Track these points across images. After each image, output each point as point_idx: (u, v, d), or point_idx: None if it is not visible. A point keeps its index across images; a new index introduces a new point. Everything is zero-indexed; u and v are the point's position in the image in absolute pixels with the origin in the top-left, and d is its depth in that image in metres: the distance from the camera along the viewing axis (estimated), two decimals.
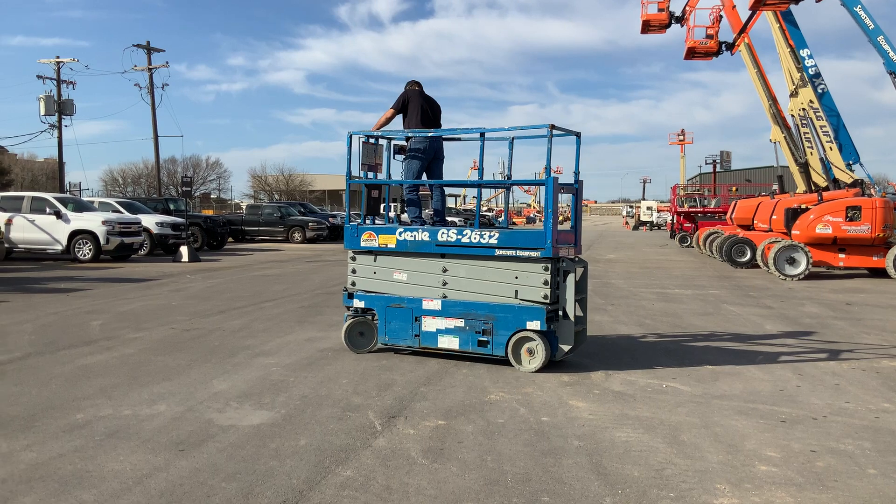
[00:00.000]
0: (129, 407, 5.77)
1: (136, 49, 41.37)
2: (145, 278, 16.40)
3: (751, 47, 22.63)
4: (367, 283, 7.74)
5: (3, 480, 4.22)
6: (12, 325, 9.73)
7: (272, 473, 4.37)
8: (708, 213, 32.19)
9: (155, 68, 41.67)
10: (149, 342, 8.51)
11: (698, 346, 8.55)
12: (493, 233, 7.15)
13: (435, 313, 7.41)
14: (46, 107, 37.97)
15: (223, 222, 29.50)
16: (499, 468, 4.49)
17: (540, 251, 6.99)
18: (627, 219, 72.82)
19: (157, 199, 32.46)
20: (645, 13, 24.18)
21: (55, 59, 38.90)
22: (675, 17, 24.26)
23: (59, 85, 38.93)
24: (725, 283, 15.96)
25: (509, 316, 7.12)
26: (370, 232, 7.68)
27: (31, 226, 20.82)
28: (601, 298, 12.99)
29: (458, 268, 7.38)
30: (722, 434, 5.22)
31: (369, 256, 7.72)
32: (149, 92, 41.66)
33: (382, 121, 8.46)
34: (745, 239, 20.17)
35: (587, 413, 5.69)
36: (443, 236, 7.36)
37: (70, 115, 39.06)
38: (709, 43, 23.72)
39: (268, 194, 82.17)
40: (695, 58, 24.63)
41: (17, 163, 73.07)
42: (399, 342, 7.62)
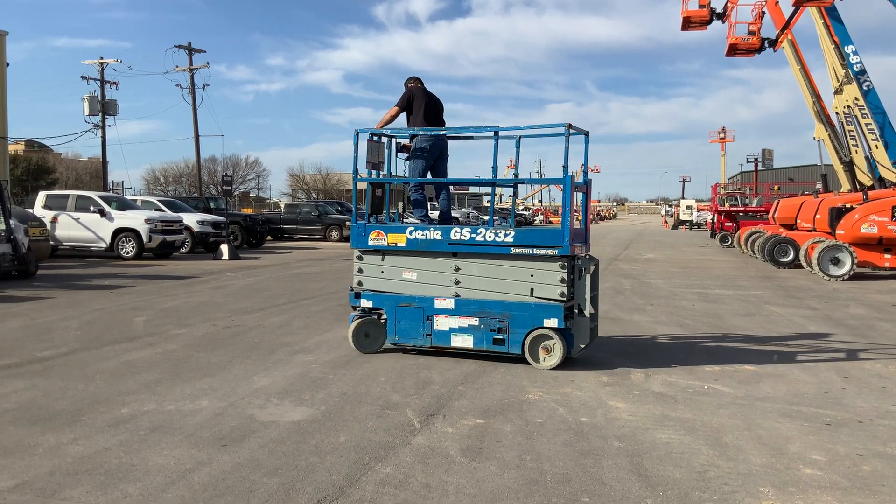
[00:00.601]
0: (173, 402, 5.86)
1: (177, 50, 41.94)
2: (187, 276, 16.65)
3: (794, 44, 22.25)
4: (374, 282, 7.66)
5: (50, 473, 4.32)
6: (58, 321, 9.94)
7: (313, 469, 4.40)
8: (749, 213, 31.75)
9: (196, 69, 42.22)
10: (191, 338, 8.64)
11: (740, 348, 8.43)
12: (508, 231, 7.16)
13: (448, 312, 7.36)
14: (90, 107, 38.66)
15: (262, 221, 29.83)
16: (538, 468, 4.47)
17: (557, 249, 7.02)
18: (666, 218, 72.05)
19: (198, 198, 32.96)
20: (686, 10, 23.90)
21: (99, 60, 39.63)
22: (717, 14, 23.94)
23: (103, 85, 39.65)
24: (768, 284, 15.72)
25: (526, 314, 7.13)
26: (379, 231, 7.59)
27: (76, 224, 21.26)
28: (640, 298, 12.87)
29: (471, 266, 7.35)
30: (765, 436, 5.14)
31: (377, 256, 7.64)
32: (190, 92, 42.23)
33: (387, 118, 8.37)
34: (788, 239, 19.83)
35: (627, 414, 5.64)
36: (456, 235, 7.32)
37: (113, 115, 39.75)
38: (751, 39, 23.37)
39: (305, 193, 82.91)
40: (736, 55, 24.29)
41: (62, 162, 74.71)
42: (409, 342, 7.57)
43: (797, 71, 22.16)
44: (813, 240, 17.89)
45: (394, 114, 8.40)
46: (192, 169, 53.06)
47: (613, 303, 12.19)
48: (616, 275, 17.27)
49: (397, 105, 8.43)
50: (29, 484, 4.14)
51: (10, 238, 15.51)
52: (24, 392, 6.16)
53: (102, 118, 39.14)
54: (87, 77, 39.55)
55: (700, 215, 57.76)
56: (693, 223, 57.99)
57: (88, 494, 4.00)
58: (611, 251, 27.13)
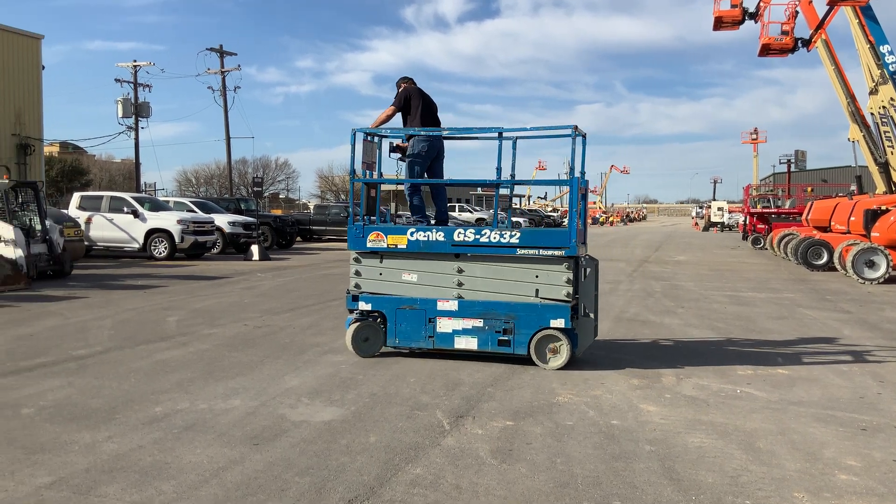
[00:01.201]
0: (205, 401, 5.93)
1: (209, 52, 42.37)
2: (218, 276, 16.81)
3: (828, 43, 21.94)
4: (372, 284, 7.54)
5: (86, 470, 4.38)
6: (93, 320, 10.09)
7: (343, 469, 4.43)
8: (782, 214, 31.32)
9: (227, 71, 42.62)
10: (222, 338, 8.72)
11: (773, 351, 8.32)
12: (514, 232, 7.16)
13: (451, 314, 7.30)
14: (124, 109, 39.16)
15: (292, 222, 30.03)
16: (569, 471, 4.46)
17: (564, 250, 7.05)
18: (697, 220, 71.40)
19: (229, 199, 33.25)
20: (717, 10, 23.66)
21: (132, 63, 40.12)
22: (749, 14, 23.68)
23: (136, 88, 40.14)
24: (801, 287, 15.51)
25: (532, 315, 7.14)
26: (378, 232, 7.46)
27: (110, 224, 21.57)
28: (670, 301, 12.76)
29: (474, 268, 7.31)
30: (799, 441, 5.08)
31: (374, 258, 7.52)
32: (221, 94, 42.63)
33: (383, 118, 8.14)
34: (822, 241, 19.55)
35: (658, 417, 5.60)
36: (459, 236, 7.27)
37: (146, 117, 40.22)
38: (784, 39, 23.09)
39: (334, 194, 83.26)
40: (769, 55, 24.01)
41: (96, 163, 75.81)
42: (411, 344, 7.50)
43: (831, 71, 21.84)
44: (847, 242, 17.62)
45: (390, 113, 8.19)
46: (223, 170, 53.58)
47: (643, 305, 12.10)
48: (646, 277, 17.14)
49: (393, 105, 8.24)
50: (65, 480, 4.21)
51: (45, 238, 15.79)
52: (60, 390, 6.27)
53: (136, 120, 39.65)
54: (121, 80, 40.06)
55: (731, 217, 57.17)
56: (724, 225, 57.39)
57: (123, 492, 4.06)
58: (640, 253, 26.94)
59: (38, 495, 4.00)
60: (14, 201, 16.05)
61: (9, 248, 14.54)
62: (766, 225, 31.05)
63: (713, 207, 62.59)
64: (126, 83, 39.93)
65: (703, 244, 34.84)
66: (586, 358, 7.71)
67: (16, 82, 30.03)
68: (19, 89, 30.25)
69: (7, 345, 8.24)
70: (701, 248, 31.53)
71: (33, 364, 7.26)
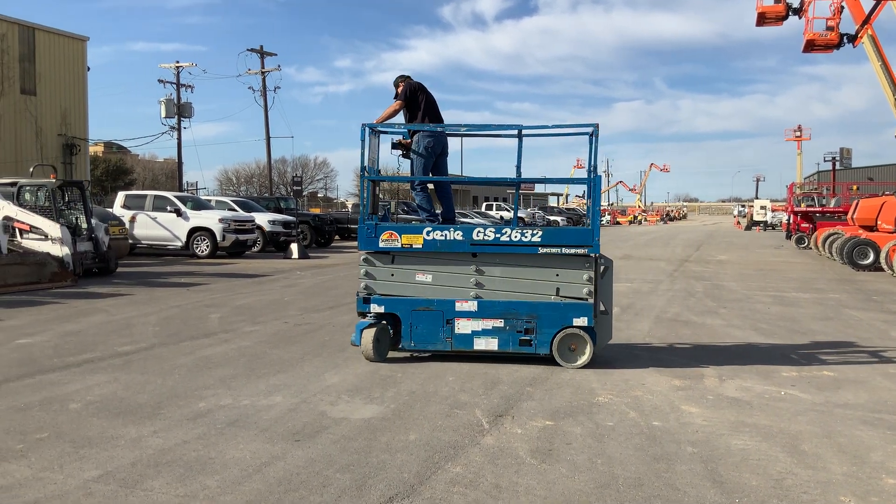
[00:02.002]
0: (248, 397, 6.00)
1: (249, 53, 42.94)
2: (259, 274, 17.01)
3: (874, 39, 21.49)
4: (383, 286, 7.27)
5: (132, 464, 4.47)
6: (138, 317, 10.28)
7: (384, 466, 4.45)
8: (827, 213, 30.68)
9: (267, 72, 43.10)
10: (264, 335, 8.82)
11: (818, 353, 8.17)
12: (536, 231, 7.14)
13: (470, 315, 7.17)
14: (167, 110, 39.79)
15: (331, 220, 30.26)
16: (609, 471, 4.43)
17: (587, 248, 7.10)
18: (739, 218, 70.35)
19: (269, 198, 33.64)
20: (761, 5, 23.34)
21: (175, 64, 40.74)
22: (793, 9, 23.32)
23: (179, 89, 40.77)
24: (846, 287, 15.20)
25: (555, 314, 7.11)
26: (391, 231, 7.19)
27: (154, 223, 21.96)
28: (713, 301, 12.60)
29: (493, 268, 7.19)
30: (846, 444, 4.98)
31: (386, 257, 7.26)
32: (261, 95, 43.14)
33: (389, 113, 7.88)
34: (868, 240, 19.14)
35: (701, 419, 5.53)
36: (479, 235, 7.14)
37: (188, 117, 40.80)
38: (829, 35, 22.69)
39: None
40: (814, 50, 23.61)
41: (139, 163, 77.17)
42: (428, 346, 7.34)
43: (878, 67, 21.39)
44: (895, 241, 17.22)
45: (397, 108, 7.93)
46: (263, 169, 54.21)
47: (685, 305, 11.97)
48: (687, 277, 16.95)
49: (399, 99, 7.94)
50: (112, 474, 4.30)
51: (91, 237, 16.12)
52: (107, 385, 6.39)
53: (178, 120, 40.26)
54: (164, 80, 40.69)
55: (775, 216, 56.23)
56: (767, 224, 56.47)
57: (169, 486, 4.12)
58: (681, 252, 26.63)
59: (86, 488, 4.09)
60: (61, 200, 16.44)
61: (56, 246, 14.88)
62: (810, 224, 30.47)
63: (756, 206, 61.62)
64: (169, 84, 40.56)
65: (746, 243, 34.33)
66: (626, 358, 7.66)
67: (62, 84, 30.71)
68: (66, 90, 30.92)
69: (55, 341, 8.44)
70: (743, 247, 31.07)
71: (80, 360, 7.42)
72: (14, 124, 28.45)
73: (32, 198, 16.52)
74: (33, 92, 29.30)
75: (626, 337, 8.91)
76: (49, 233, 15.09)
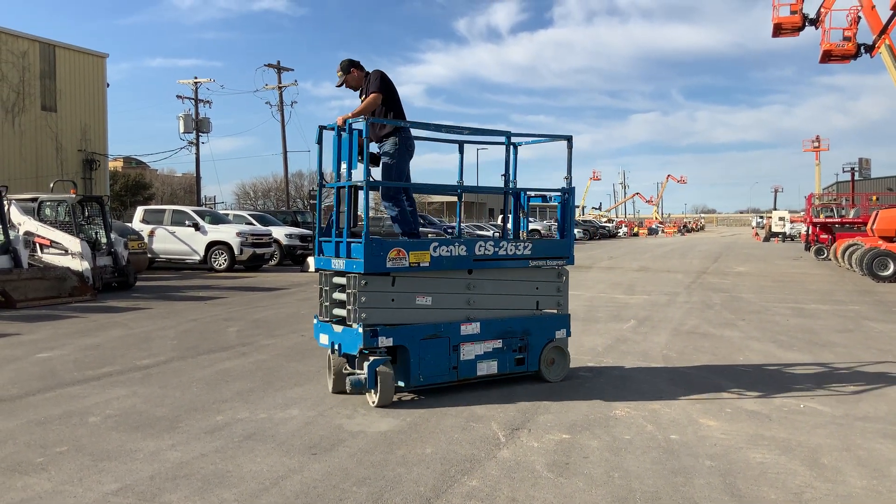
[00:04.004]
0: (265, 410, 6.03)
1: (266, 68, 43.27)
2: (276, 287, 17.08)
3: (892, 48, 21.37)
4: (383, 314, 6.19)
5: (151, 477, 4.50)
6: (156, 330, 10.36)
7: (400, 480, 4.45)
8: (846, 224, 30.42)
9: (284, 87, 43.42)
10: (281, 349, 8.86)
11: (838, 365, 8.10)
12: (527, 244, 7.00)
13: (473, 338, 6.60)
14: (185, 125, 40.19)
15: None
16: (626, 485, 4.40)
17: (565, 260, 7.14)
18: (757, 230, 69.88)
19: (286, 212, 33.76)
20: (777, 16, 23.29)
21: (193, 80, 41.14)
22: (809, 20, 23.25)
23: (197, 104, 41.16)
24: (866, 298, 15.05)
25: (542, 328, 7.07)
26: (399, 249, 6.22)
27: (172, 237, 22.14)
28: (731, 313, 12.51)
29: (486, 284, 6.76)
30: (866, 458, 4.93)
31: (385, 279, 6.20)
32: (279, 109, 43.45)
33: (370, 106, 6.74)
34: (888, 251, 18.96)
35: (719, 432, 5.50)
36: (480, 250, 6.66)
37: (206, 132, 41.18)
38: (846, 45, 22.60)
39: None
40: (831, 61, 23.52)
41: (158, 178, 77.77)
42: (436, 380, 6.47)
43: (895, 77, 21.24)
44: None
45: (376, 101, 6.77)
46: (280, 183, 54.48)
47: (703, 317, 11.90)
48: (705, 289, 16.85)
49: (376, 91, 6.77)
50: (131, 487, 4.33)
51: (111, 251, 16.27)
52: (126, 399, 6.44)
53: (196, 136, 40.62)
54: (182, 96, 41.15)
55: (793, 227, 55.77)
56: (786, 235, 56.04)
57: (187, 499, 4.15)
58: (698, 264, 26.49)
59: (104, 501, 4.12)
60: (81, 215, 16.61)
61: (76, 261, 15.04)
62: (829, 235, 30.22)
63: (774, 217, 61.14)
64: (187, 99, 41.01)
65: (764, 255, 34.09)
66: (643, 370, 7.62)
67: (82, 100, 31.08)
68: (85, 107, 31.29)
69: (74, 354, 8.51)
70: (762, 258, 30.85)
71: (99, 373, 7.49)
72: (35, 140, 28.82)
73: (53, 213, 16.71)
74: (54, 108, 29.67)
75: (642, 350, 8.87)
76: (69, 247, 15.26)
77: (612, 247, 43.34)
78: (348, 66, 7.11)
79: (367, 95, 6.80)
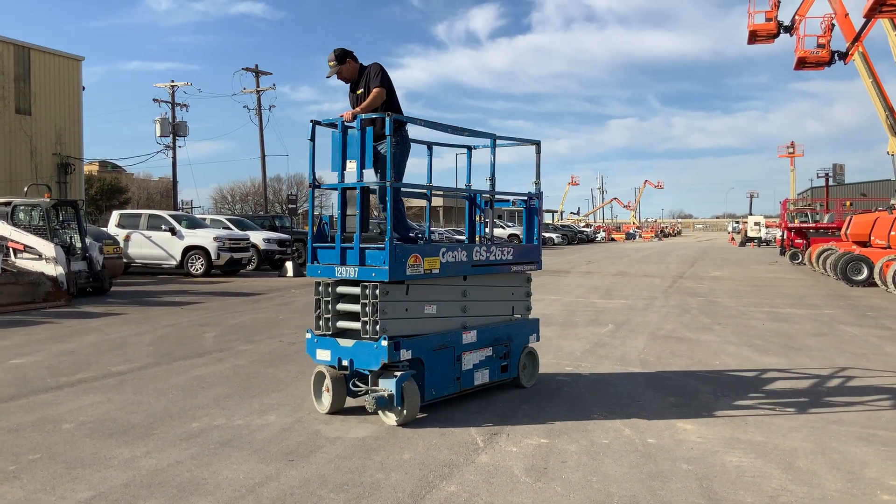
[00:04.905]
0: (242, 417, 5.98)
1: (244, 72, 43.04)
2: (253, 292, 16.98)
3: (865, 56, 21.69)
4: (398, 325, 5.83)
5: (125, 485, 4.44)
6: (132, 336, 10.25)
7: (378, 486, 4.43)
8: (820, 229, 30.83)
9: (263, 91, 43.21)
10: (258, 354, 8.80)
11: (813, 369, 8.18)
12: (509, 249, 6.96)
13: (471, 346, 6.43)
14: (162, 129, 39.85)
15: None
16: (604, 489, 4.42)
17: (535, 264, 7.16)
18: (733, 235, 70.55)
19: (264, 216, 33.54)
20: (752, 23, 23.56)
21: (170, 84, 40.84)
22: (784, 27, 23.55)
23: (174, 108, 40.85)
24: (841, 303, 15.23)
25: (521, 333, 7.09)
26: (416, 255, 5.91)
27: (148, 242, 21.95)
28: (707, 318, 12.61)
29: (477, 290, 6.60)
30: (840, 461, 4.98)
31: (400, 288, 5.85)
32: (257, 113, 43.23)
33: (377, 101, 6.31)
34: (862, 256, 19.21)
35: (695, 436, 5.53)
36: (477, 255, 6.50)
37: (184, 136, 40.84)
38: (820, 52, 22.90)
39: None
40: (805, 67, 23.81)
41: (134, 182, 77.12)
42: (444, 392, 6.22)
43: (869, 84, 21.57)
44: (888, 257, 17.29)
45: (382, 96, 6.36)
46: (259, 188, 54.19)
47: (680, 322, 11.98)
48: (682, 293, 16.96)
49: (380, 86, 6.39)
50: (105, 495, 4.27)
51: (85, 256, 16.09)
52: (100, 405, 6.37)
53: (173, 139, 40.31)
54: (159, 100, 40.83)
55: (768, 232, 56.42)
56: (761, 240, 56.67)
57: None
58: (675, 269, 26.67)
59: None
60: (55, 219, 16.41)
61: (50, 266, 14.85)
62: (804, 240, 30.58)
63: (750, 222, 61.84)
64: (164, 103, 40.72)
65: (740, 259, 34.40)
66: (621, 375, 7.65)
67: (57, 103, 30.76)
68: (60, 110, 30.97)
69: (48, 361, 8.40)
70: (738, 263, 31.13)
71: (74, 380, 7.39)
72: (9, 144, 28.47)
73: (27, 217, 16.51)
74: (28, 112, 29.33)
75: (620, 354, 8.91)
76: (43, 252, 15.06)
77: (590, 251, 43.52)
78: (343, 55, 6.61)
79: (370, 90, 6.40)
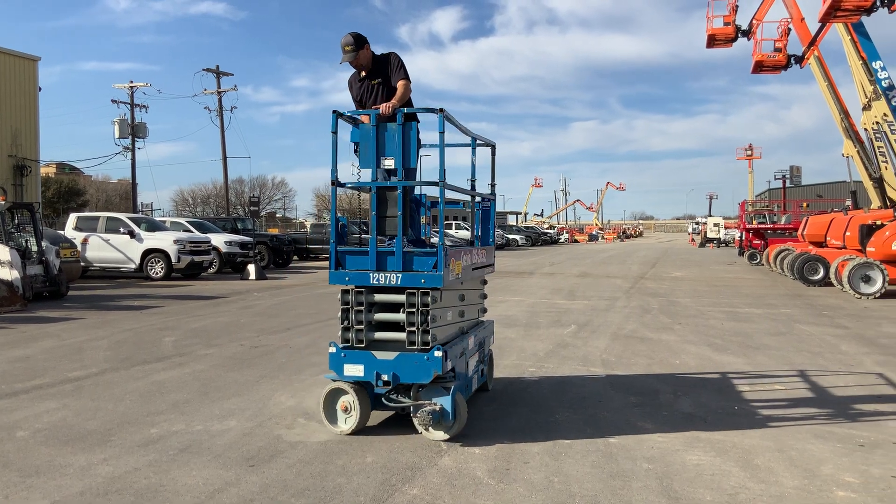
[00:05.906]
0: (201, 422, 5.90)
1: (205, 73, 42.64)
2: (215, 296, 16.78)
3: (821, 60, 22.11)
4: (440, 334, 5.56)
5: (81, 493, 4.35)
6: (88, 341, 10.06)
7: (340, 490, 4.40)
8: (778, 230, 31.41)
9: (224, 92, 42.82)
10: (219, 358, 8.69)
11: (771, 367, 8.31)
12: (485, 251, 6.86)
13: (471, 352, 6.35)
14: (120, 130, 39.23)
15: (289, 241, 30.03)
16: (566, 490, 4.44)
17: (492, 266, 7.10)
18: (693, 236, 71.53)
19: (226, 219, 33.19)
20: (710, 27, 23.88)
21: (129, 84, 40.22)
22: (742, 31, 23.90)
23: (133, 109, 40.23)
24: (798, 302, 15.52)
25: (489, 337, 7.08)
26: (455, 259, 5.68)
27: (106, 245, 21.57)
28: (667, 317, 12.75)
29: (467, 293, 6.47)
30: (797, 458, 5.06)
31: (437, 293, 5.44)
32: (218, 115, 42.82)
33: (408, 95, 6.13)
34: (818, 256, 19.59)
35: (656, 435, 5.58)
36: (475, 258, 6.51)
37: (143, 137, 40.26)
38: (777, 56, 23.29)
39: None
40: (763, 71, 24.21)
41: (92, 184, 75.83)
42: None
43: (824, 87, 22.00)
44: (843, 257, 17.65)
45: (410, 88, 6.18)
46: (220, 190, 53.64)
47: (641, 322, 12.10)
48: (643, 293, 17.15)
49: (406, 78, 6.16)
50: None
51: (42, 259, 15.77)
52: (56, 412, 6.24)
53: (132, 141, 39.72)
54: (118, 101, 40.16)
55: (727, 233, 57.35)
56: (720, 241, 57.56)
57: None
58: (637, 270, 26.95)
59: None
60: (10, 223, 16.05)
61: (5, 270, 14.52)
62: (762, 241, 31.13)
63: (709, 223, 62.77)
64: (123, 104, 40.09)
65: (700, 260, 34.88)
66: (583, 375, 7.70)
67: (12, 104, 30.09)
68: (16, 111, 30.30)
69: (3, 367, 8.21)
70: (697, 264, 31.56)
71: (29, 386, 7.23)
72: None
73: None
74: None
75: (582, 354, 8.97)
76: None
77: (553, 253, 43.78)
78: (360, 40, 6.19)
79: (397, 81, 6.10)
